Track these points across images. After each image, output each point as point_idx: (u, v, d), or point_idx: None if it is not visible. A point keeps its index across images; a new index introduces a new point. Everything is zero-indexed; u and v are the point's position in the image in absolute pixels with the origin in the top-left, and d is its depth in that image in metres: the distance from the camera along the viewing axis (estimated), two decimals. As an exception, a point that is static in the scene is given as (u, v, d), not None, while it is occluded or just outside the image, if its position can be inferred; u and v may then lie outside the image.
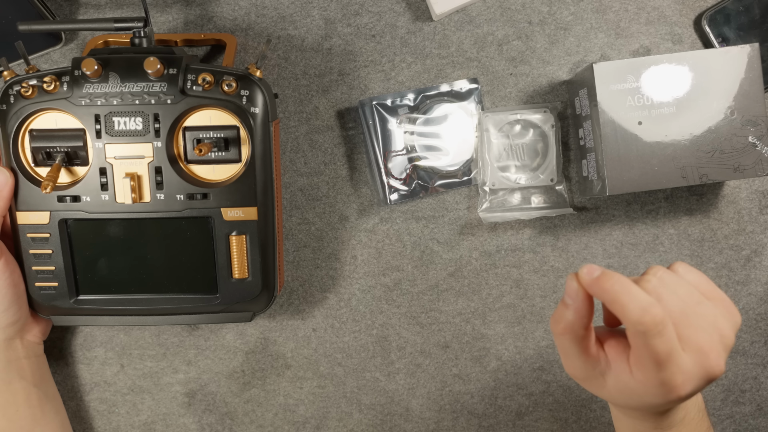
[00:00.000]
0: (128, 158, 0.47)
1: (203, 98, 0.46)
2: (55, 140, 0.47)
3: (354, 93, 0.57)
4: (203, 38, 0.54)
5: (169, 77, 0.45)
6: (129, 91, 0.45)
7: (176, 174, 0.47)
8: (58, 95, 0.46)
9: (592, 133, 0.53)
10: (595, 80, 0.52)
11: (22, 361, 0.51)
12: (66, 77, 0.46)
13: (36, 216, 0.48)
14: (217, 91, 0.46)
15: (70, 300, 0.50)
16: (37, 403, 0.52)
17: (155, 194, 0.47)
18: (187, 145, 0.48)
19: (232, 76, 0.46)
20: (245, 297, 0.50)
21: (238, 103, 0.46)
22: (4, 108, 0.46)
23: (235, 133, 0.47)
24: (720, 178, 0.52)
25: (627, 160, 0.52)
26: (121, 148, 0.47)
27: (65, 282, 0.49)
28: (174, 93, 0.46)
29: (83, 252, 0.49)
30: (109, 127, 0.46)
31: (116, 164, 0.47)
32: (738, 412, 0.60)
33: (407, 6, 0.57)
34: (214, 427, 0.58)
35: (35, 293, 0.50)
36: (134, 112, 0.46)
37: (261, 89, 0.47)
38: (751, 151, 0.52)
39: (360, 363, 0.59)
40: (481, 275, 0.59)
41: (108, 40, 0.52)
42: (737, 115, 0.52)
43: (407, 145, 0.57)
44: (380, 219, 0.58)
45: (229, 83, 0.46)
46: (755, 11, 0.57)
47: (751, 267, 0.59)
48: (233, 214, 0.48)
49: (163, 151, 0.47)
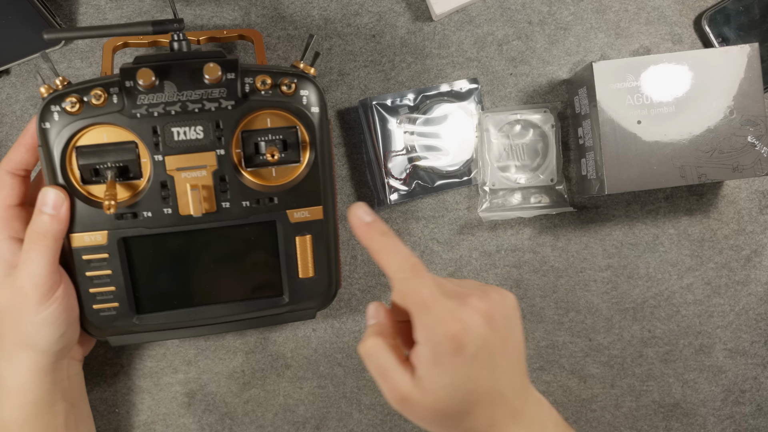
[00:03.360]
0: (190, 169, 0.44)
1: (264, 101, 0.44)
2: (105, 156, 0.43)
3: (354, 93, 0.57)
4: (226, 35, 0.52)
5: (227, 82, 0.43)
6: (187, 99, 0.43)
7: (240, 180, 0.45)
8: (108, 109, 0.42)
9: (591, 132, 0.53)
10: (595, 79, 0.52)
11: (65, 381, 0.49)
12: (115, 88, 0.42)
13: (92, 237, 0.45)
14: (277, 93, 0.44)
15: (132, 319, 0.47)
16: (74, 424, 0.49)
17: (221, 203, 0.45)
18: (246, 149, 0.45)
19: (290, 76, 0.44)
20: (311, 295, 0.49)
21: (298, 105, 0.45)
22: (47, 126, 0.42)
23: (294, 133, 0.46)
24: (719, 177, 0.52)
25: (626, 159, 0.52)
26: (182, 159, 0.44)
27: (126, 302, 0.47)
28: (234, 98, 0.43)
29: (143, 268, 0.47)
30: (168, 138, 0.43)
31: (178, 176, 0.44)
32: (738, 412, 0.60)
33: (407, 6, 0.57)
34: (214, 427, 0.58)
35: (93, 316, 0.47)
36: (194, 121, 0.43)
37: (319, 88, 0.45)
38: (750, 151, 0.52)
39: (360, 363, 0.59)
40: (481, 275, 0.59)
41: (128, 41, 0.50)
42: (736, 114, 0.52)
43: (407, 145, 0.57)
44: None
45: (287, 84, 0.44)
46: (755, 11, 0.57)
47: (751, 267, 0.59)
48: (300, 216, 0.47)
49: (227, 159, 0.44)
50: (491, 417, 0.39)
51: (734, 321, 0.59)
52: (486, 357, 0.37)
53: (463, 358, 0.37)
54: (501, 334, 0.38)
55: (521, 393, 0.40)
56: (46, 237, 0.42)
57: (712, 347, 0.60)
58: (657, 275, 0.59)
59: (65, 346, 0.46)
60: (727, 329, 0.59)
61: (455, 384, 0.37)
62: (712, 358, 0.60)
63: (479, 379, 0.38)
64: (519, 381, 0.40)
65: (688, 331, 0.59)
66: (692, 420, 0.60)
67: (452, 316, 0.37)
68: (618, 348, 0.59)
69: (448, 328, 0.37)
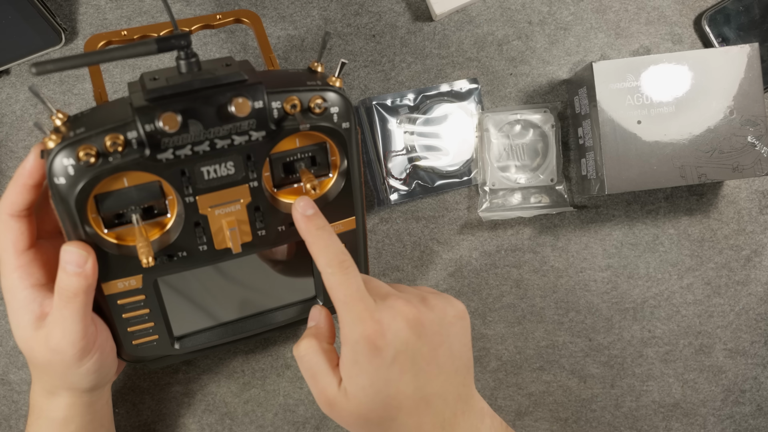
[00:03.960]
0: (224, 204, 0.41)
1: (295, 127, 0.40)
2: (129, 200, 0.40)
3: (354, 93, 0.57)
4: (220, 21, 0.48)
5: (256, 112, 0.39)
6: (215, 137, 0.39)
7: (274, 207, 0.43)
8: (129, 156, 0.37)
9: (591, 132, 0.53)
10: (595, 79, 0.52)
11: (104, 407, 0.49)
12: (133, 133, 0.37)
13: (126, 283, 0.43)
14: (307, 115, 0.41)
15: (173, 346, 0.47)
16: None
17: (256, 232, 0.43)
18: (275, 172, 0.42)
19: (319, 92, 0.41)
20: None
21: (329, 124, 0.41)
22: (62, 182, 0.37)
23: (324, 149, 0.43)
24: (719, 177, 0.52)
25: (626, 159, 0.52)
26: (214, 196, 0.41)
27: (165, 333, 0.46)
28: (264, 128, 0.39)
29: (180, 300, 0.46)
30: (199, 179, 0.40)
31: (211, 214, 0.41)
32: (738, 412, 0.60)
33: (407, 6, 0.57)
34: (214, 427, 0.58)
35: (134, 350, 0.46)
36: (224, 158, 0.40)
37: (348, 102, 0.42)
38: (750, 151, 0.52)
39: (360, 363, 0.59)
40: (481, 275, 0.59)
41: (112, 39, 0.47)
42: (736, 114, 0.52)
43: (407, 145, 0.57)
44: (380, 219, 0.58)
45: (318, 104, 0.40)
46: (755, 11, 0.57)
47: (751, 267, 0.59)
48: (334, 230, 0.45)
49: (260, 189, 0.42)
50: (418, 426, 0.38)
51: (734, 321, 0.59)
52: (408, 362, 0.37)
53: (381, 360, 0.36)
54: (430, 341, 0.38)
55: (456, 404, 0.39)
56: (76, 296, 0.39)
57: (712, 347, 0.60)
58: (657, 275, 0.59)
59: (105, 382, 0.46)
60: (727, 329, 0.59)
61: (374, 386, 0.37)
62: (712, 358, 0.60)
63: (400, 384, 0.37)
64: (454, 391, 0.39)
65: (688, 331, 0.59)
66: (692, 420, 0.60)
67: (371, 316, 0.37)
68: (618, 348, 0.59)
69: (364, 327, 0.36)
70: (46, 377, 0.44)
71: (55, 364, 0.41)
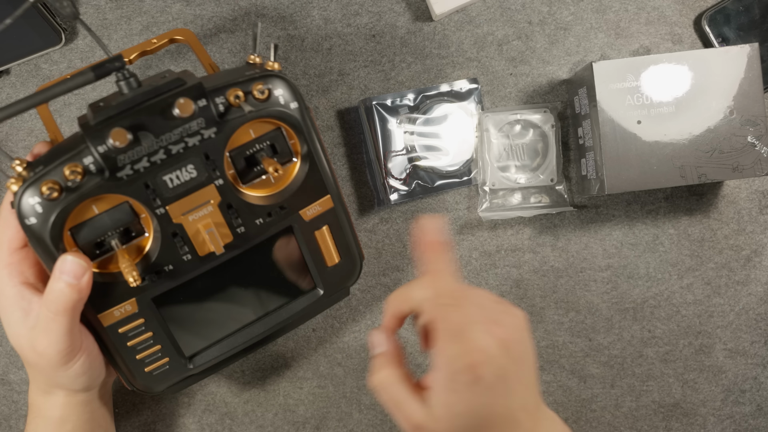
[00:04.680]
0: (196, 209, 0.42)
1: (243, 116, 0.41)
2: (103, 227, 0.41)
3: (354, 93, 0.57)
4: (156, 44, 0.49)
5: (201, 110, 0.40)
6: (168, 143, 0.39)
7: (246, 201, 0.43)
8: (90, 181, 0.38)
9: (591, 132, 0.53)
10: (595, 79, 0.52)
11: (102, 408, 0.49)
12: (89, 158, 0.38)
13: (122, 310, 0.43)
14: (252, 103, 0.41)
15: (187, 366, 0.47)
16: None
17: (236, 230, 0.44)
18: (238, 167, 0.43)
19: (259, 80, 0.42)
20: (342, 278, 0.49)
21: (277, 108, 0.42)
22: (33, 222, 0.38)
23: (281, 134, 0.44)
24: (719, 177, 0.52)
25: (626, 159, 0.52)
26: (184, 203, 0.41)
27: (175, 353, 0.46)
28: (213, 124, 0.40)
29: (181, 316, 0.46)
30: (163, 188, 0.40)
31: (185, 220, 0.42)
32: (738, 412, 0.60)
33: (407, 6, 0.57)
34: (214, 427, 0.58)
35: (149, 378, 0.46)
36: (183, 162, 0.40)
37: (290, 82, 0.43)
38: (750, 151, 0.52)
39: (360, 363, 0.59)
40: (481, 275, 0.59)
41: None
42: (736, 114, 0.52)
43: (407, 145, 0.57)
44: (380, 219, 0.58)
45: (260, 90, 0.41)
46: (755, 11, 0.57)
47: (751, 267, 0.59)
48: (312, 212, 0.46)
49: (227, 186, 0.42)
50: None
51: (734, 321, 0.59)
52: (503, 385, 0.37)
53: (481, 388, 0.36)
54: (516, 359, 0.38)
55: (534, 414, 0.39)
56: (66, 310, 0.39)
57: (712, 347, 0.60)
58: (657, 275, 0.59)
59: (97, 383, 0.46)
60: (727, 329, 0.59)
61: (471, 412, 0.37)
62: (712, 358, 0.60)
63: (495, 407, 0.37)
64: (532, 402, 0.40)
65: (688, 331, 0.59)
66: (692, 420, 0.60)
67: (476, 346, 0.36)
68: (618, 348, 0.59)
69: (471, 358, 0.36)
70: (38, 375, 0.44)
71: (43, 366, 0.41)
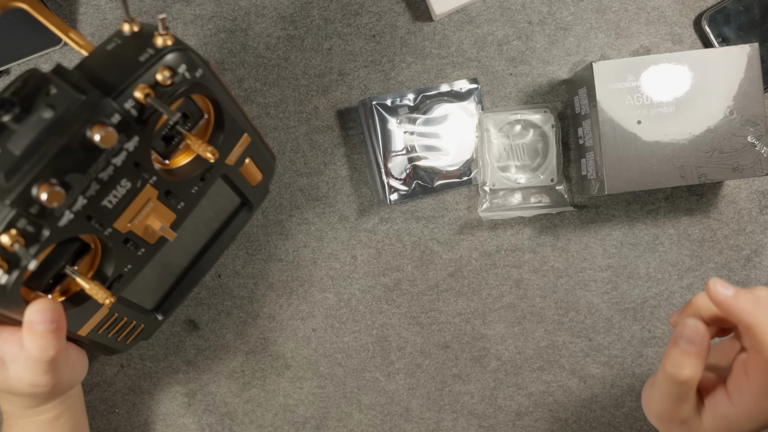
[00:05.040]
0: (139, 212, 0.41)
1: (157, 112, 0.38)
2: (54, 263, 0.39)
3: (354, 93, 0.57)
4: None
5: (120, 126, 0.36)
6: (97, 173, 0.36)
7: (180, 182, 0.43)
8: (33, 243, 0.35)
9: (592, 133, 0.53)
10: (595, 79, 0.52)
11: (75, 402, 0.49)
12: (22, 222, 0.34)
13: (96, 318, 0.44)
14: (161, 92, 0.37)
15: (158, 318, 0.51)
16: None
17: (176, 207, 0.44)
18: (160, 150, 0.42)
19: (158, 64, 0.37)
20: (264, 185, 0.51)
21: (186, 85, 0.39)
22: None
23: (189, 101, 0.41)
24: (719, 177, 0.52)
25: (626, 160, 0.52)
26: (127, 213, 0.40)
27: (147, 317, 0.50)
28: (134, 133, 0.37)
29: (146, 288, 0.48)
30: (105, 213, 0.38)
31: (133, 224, 0.41)
32: (738, 412, 0.60)
33: (407, 6, 0.57)
34: (214, 427, 0.58)
35: (131, 345, 0.51)
36: (115, 181, 0.38)
37: (187, 51, 0.38)
38: (750, 151, 0.52)
39: (360, 363, 0.59)
40: (481, 275, 0.59)
41: None
42: (736, 114, 0.52)
43: (407, 145, 0.57)
44: (380, 219, 0.58)
45: (165, 76, 0.37)
46: (755, 11, 0.57)
47: (751, 267, 0.59)
48: (234, 156, 0.46)
49: (161, 179, 0.41)
50: None
51: (734, 321, 0.59)
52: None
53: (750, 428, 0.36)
54: None
55: None
56: (49, 357, 0.38)
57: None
58: (657, 275, 0.59)
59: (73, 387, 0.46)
60: (727, 329, 0.59)
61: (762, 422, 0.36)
62: (712, 358, 0.60)
63: None
64: None
65: (688, 331, 0.59)
66: (692, 420, 0.60)
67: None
68: (618, 348, 0.59)
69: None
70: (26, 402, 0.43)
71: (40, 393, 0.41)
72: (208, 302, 0.58)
